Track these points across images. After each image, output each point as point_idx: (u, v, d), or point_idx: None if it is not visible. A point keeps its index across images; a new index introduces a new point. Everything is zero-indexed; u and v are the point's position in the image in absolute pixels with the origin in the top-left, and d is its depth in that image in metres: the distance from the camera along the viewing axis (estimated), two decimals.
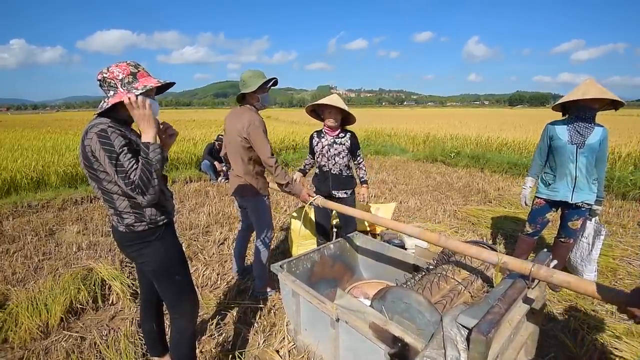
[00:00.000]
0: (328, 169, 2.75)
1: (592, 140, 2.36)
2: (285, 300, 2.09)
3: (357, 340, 1.58)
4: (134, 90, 1.35)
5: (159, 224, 1.50)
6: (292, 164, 8.37)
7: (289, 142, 9.56)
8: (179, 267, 1.60)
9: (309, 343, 1.97)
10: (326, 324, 1.75)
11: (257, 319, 2.39)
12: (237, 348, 2.08)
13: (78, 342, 2.17)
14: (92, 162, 1.33)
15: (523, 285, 1.33)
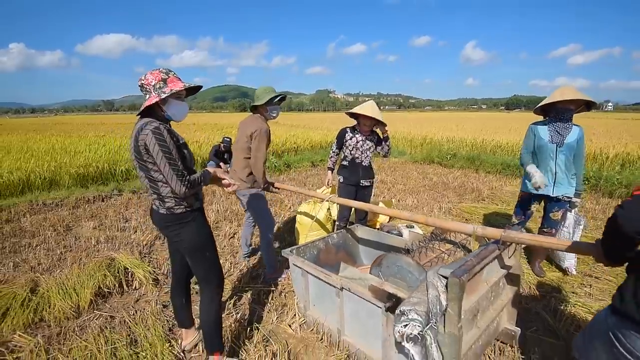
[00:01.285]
0: (360, 161, 3.12)
1: (571, 139, 2.63)
2: (295, 280, 2.35)
3: (359, 303, 1.83)
4: (163, 93, 1.61)
5: (194, 208, 1.76)
6: (294, 165, 8.64)
7: (290, 144, 9.84)
8: (209, 245, 1.84)
9: (317, 317, 2.23)
10: (332, 296, 2.02)
11: (270, 300, 2.64)
12: (253, 324, 2.32)
13: (108, 321, 2.41)
14: (143, 154, 1.59)
15: (494, 247, 1.60)
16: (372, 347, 1.84)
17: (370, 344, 1.86)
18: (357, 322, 1.92)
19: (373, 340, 1.81)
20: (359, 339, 1.94)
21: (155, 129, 1.56)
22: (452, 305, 1.37)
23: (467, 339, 1.59)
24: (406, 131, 13.49)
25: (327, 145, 11.08)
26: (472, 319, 1.70)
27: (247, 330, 2.24)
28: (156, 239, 3.89)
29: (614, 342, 1.02)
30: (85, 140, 9.87)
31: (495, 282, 1.80)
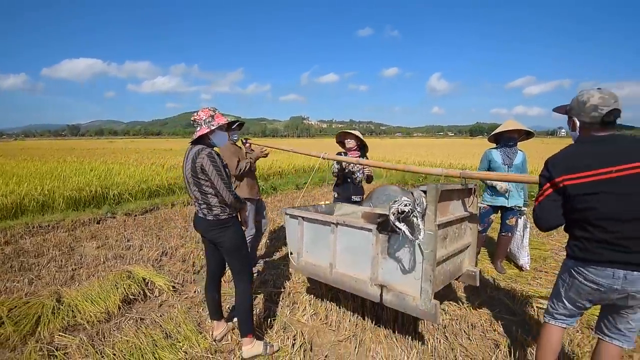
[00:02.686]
0: (351, 180, 3.60)
1: (517, 162, 3.35)
2: (291, 232, 2.79)
3: (352, 233, 2.30)
4: (212, 126, 2.12)
5: (233, 215, 2.24)
6: (280, 188, 9.10)
7: (275, 169, 10.33)
8: (244, 245, 2.31)
9: (310, 261, 2.66)
10: (326, 235, 2.48)
11: (281, 299, 3.05)
12: (270, 318, 2.73)
13: (139, 322, 2.72)
14: (199, 173, 2.07)
15: (458, 185, 2.29)
16: (362, 270, 2.29)
17: (360, 268, 2.30)
18: (348, 253, 2.37)
19: (363, 264, 2.27)
20: (349, 268, 2.38)
21: (209, 154, 2.07)
22: (430, 206, 1.93)
23: (439, 254, 2.11)
24: (381, 156, 14.42)
25: (309, 169, 11.67)
26: (443, 240, 2.26)
27: (267, 322, 2.65)
28: (163, 255, 4.19)
29: (574, 274, 1.59)
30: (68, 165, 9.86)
31: (459, 219, 2.43)
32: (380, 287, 2.20)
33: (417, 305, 2.02)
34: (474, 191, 2.64)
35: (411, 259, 2.04)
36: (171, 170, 9.11)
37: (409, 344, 2.37)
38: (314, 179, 9.09)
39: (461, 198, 2.58)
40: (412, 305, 2.04)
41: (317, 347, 2.41)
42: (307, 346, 2.36)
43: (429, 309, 1.97)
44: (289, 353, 2.28)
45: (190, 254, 4.15)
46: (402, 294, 2.09)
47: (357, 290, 2.34)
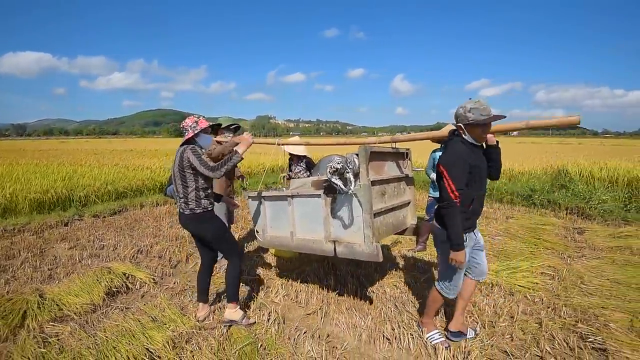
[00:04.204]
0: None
1: None
2: (254, 212, 3.17)
3: (305, 202, 2.72)
4: (195, 130, 2.55)
5: (208, 209, 2.60)
6: (249, 187, 9.35)
7: (245, 169, 10.54)
8: (226, 232, 2.70)
9: (274, 234, 3.05)
10: (285, 208, 2.87)
11: (254, 286, 3.43)
12: (246, 300, 3.10)
13: (124, 311, 2.98)
14: (185, 167, 2.45)
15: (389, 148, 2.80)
16: (317, 232, 2.69)
17: (315, 231, 2.70)
18: (304, 219, 2.76)
19: (317, 226, 2.67)
20: (307, 233, 2.77)
21: (192, 148, 2.51)
22: (362, 164, 2.35)
23: (378, 207, 2.56)
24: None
25: (278, 169, 11.98)
26: (381, 196, 2.70)
27: (245, 303, 3.02)
28: (138, 252, 4.38)
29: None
30: (24, 167, 9.45)
31: (395, 178, 2.91)
32: (333, 243, 2.59)
33: (362, 250, 2.42)
34: (407, 155, 3.09)
35: (354, 212, 2.44)
36: (137, 171, 9.05)
37: (365, 312, 2.86)
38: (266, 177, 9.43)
39: (395, 161, 3.01)
40: (359, 251, 2.44)
41: (289, 320, 2.82)
42: (280, 319, 2.77)
43: (371, 250, 2.38)
44: (265, 326, 2.68)
45: (166, 251, 4.38)
46: (350, 244, 2.50)
47: (315, 250, 2.72)
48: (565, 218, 6.11)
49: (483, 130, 2.06)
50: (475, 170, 2.08)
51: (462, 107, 2.07)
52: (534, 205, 6.97)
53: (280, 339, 2.54)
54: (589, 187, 7.23)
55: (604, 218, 5.91)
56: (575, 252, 4.28)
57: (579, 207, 6.40)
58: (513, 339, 2.48)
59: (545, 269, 3.62)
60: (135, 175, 8.39)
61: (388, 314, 2.83)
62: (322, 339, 2.54)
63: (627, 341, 2.39)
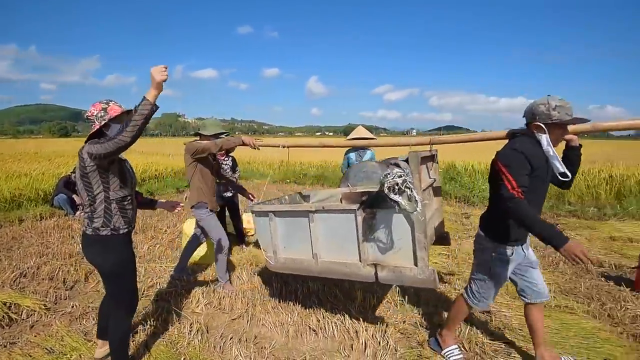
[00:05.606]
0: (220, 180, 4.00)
1: (367, 158, 4.32)
2: (262, 230, 2.59)
3: (333, 218, 2.19)
4: (103, 120, 1.84)
5: (120, 232, 1.91)
6: (158, 192, 8.60)
7: (152, 172, 9.63)
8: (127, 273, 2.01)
9: (289, 257, 2.52)
10: (304, 226, 2.32)
11: (173, 297, 3.20)
12: (163, 314, 2.89)
13: (9, 347, 2.47)
14: (88, 170, 1.78)
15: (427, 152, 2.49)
16: (350, 254, 2.22)
17: (347, 252, 2.23)
18: (332, 239, 2.26)
19: (350, 247, 2.20)
20: (336, 255, 2.28)
21: (92, 141, 1.80)
22: (415, 174, 2.01)
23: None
24: (266, 156, 14.90)
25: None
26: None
27: (161, 318, 2.80)
28: (21, 276, 3.67)
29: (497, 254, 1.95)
30: None
31: (428, 185, 2.58)
32: (373, 266, 2.17)
33: (414, 275, 2.06)
34: (435, 157, 2.79)
35: (400, 231, 2.04)
36: (12, 179, 7.49)
37: (291, 309, 2.93)
38: None
39: (426, 164, 2.67)
40: (409, 276, 2.08)
41: (213, 329, 2.72)
42: (204, 329, 2.66)
43: (427, 276, 2.02)
44: (187, 338, 2.54)
45: (58, 271, 3.77)
46: (397, 268, 2.10)
47: (349, 275, 2.28)
48: (455, 205, 7.19)
49: (564, 131, 1.85)
50: (537, 173, 1.82)
51: (544, 104, 1.80)
52: None
53: (205, 349, 2.45)
54: (472, 179, 8.60)
55: (484, 204, 7.11)
56: (464, 233, 5.08)
57: (465, 195, 7.60)
58: (420, 313, 2.85)
59: (441, 250, 4.22)
60: (10, 184, 6.94)
61: (313, 307, 2.96)
62: (249, 341, 2.53)
63: (504, 302, 2.96)
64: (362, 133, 4.15)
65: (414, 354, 2.36)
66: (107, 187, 1.88)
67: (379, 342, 2.44)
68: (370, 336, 2.50)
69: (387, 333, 2.52)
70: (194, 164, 3.13)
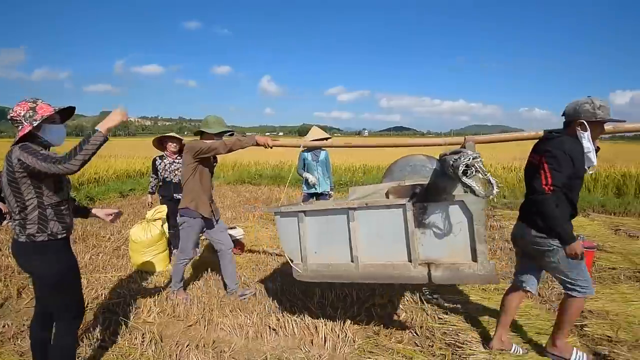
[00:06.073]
0: (170, 180, 3.96)
1: (322, 157, 4.41)
2: (288, 235, 2.31)
3: (378, 215, 2.02)
4: (34, 121, 1.68)
5: (58, 237, 1.78)
6: (98, 197, 7.95)
7: (90, 175, 8.86)
8: (69, 279, 1.86)
9: (322, 262, 2.24)
10: (341, 226, 2.12)
11: (121, 308, 3.00)
12: (111, 326, 2.70)
13: None
14: (17, 176, 1.65)
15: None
16: (397, 254, 2.05)
17: (394, 252, 2.05)
18: (375, 238, 2.08)
19: (396, 246, 2.03)
20: (380, 256, 2.09)
21: (23, 146, 1.65)
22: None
23: None
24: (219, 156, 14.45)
25: (135, 173, 10.55)
26: None
27: (110, 331, 2.62)
28: None
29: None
30: None
31: None
32: (426, 266, 2.00)
33: (474, 271, 1.91)
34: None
35: (458, 224, 1.91)
36: None
37: (250, 310, 2.91)
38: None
39: None
40: (468, 273, 1.93)
41: (167, 337, 2.60)
42: (157, 339, 2.53)
43: (488, 271, 1.89)
44: (139, 349, 2.41)
45: None
46: (454, 265, 1.95)
47: (397, 278, 2.11)
48: None
49: (602, 130, 1.99)
50: (579, 173, 1.94)
51: (589, 103, 1.91)
52: None
53: (160, 358, 2.34)
54: None
55: None
56: None
57: None
58: (375, 304, 2.99)
59: None
60: None
61: (272, 307, 2.96)
62: (207, 346, 2.46)
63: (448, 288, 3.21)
64: (317, 133, 4.22)
65: (371, 342, 2.47)
66: (40, 192, 1.73)
67: (338, 334, 2.52)
68: (330, 330, 2.57)
69: (345, 325, 2.62)
70: (193, 165, 2.86)
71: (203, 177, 2.94)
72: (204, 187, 2.94)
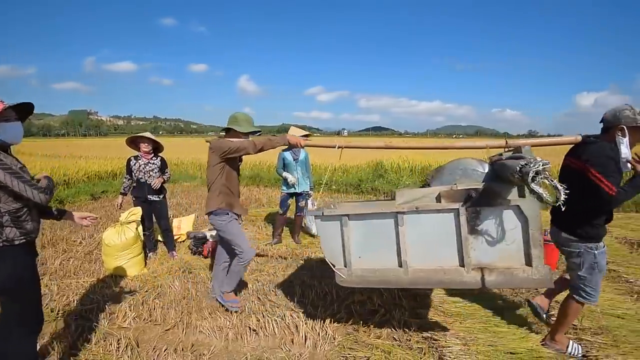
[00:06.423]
0: (144, 181, 3.88)
1: (301, 157, 4.42)
2: (330, 239, 2.25)
3: (429, 219, 2.02)
4: None
5: (15, 242, 1.71)
6: (68, 200, 7.61)
7: (60, 176, 8.46)
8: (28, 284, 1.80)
9: (367, 267, 2.20)
10: (388, 230, 2.10)
11: (94, 314, 2.91)
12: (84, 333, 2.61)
13: None
14: None
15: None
16: (448, 258, 2.05)
17: (445, 257, 2.06)
18: (426, 243, 2.07)
19: (447, 251, 2.04)
20: (430, 261, 2.08)
21: None
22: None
23: None
24: (194, 157, 14.14)
25: (107, 175, 10.17)
26: None
27: (83, 338, 2.53)
28: None
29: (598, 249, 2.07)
30: None
31: None
32: (479, 271, 2.00)
33: (528, 275, 1.94)
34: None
35: (513, 229, 1.93)
36: None
37: (230, 313, 2.88)
38: None
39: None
40: (522, 277, 1.95)
41: (144, 342, 2.54)
42: (134, 344, 2.47)
43: (543, 275, 1.93)
44: (115, 355, 2.34)
45: None
46: (508, 270, 1.96)
47: (449, 283, 2.09)
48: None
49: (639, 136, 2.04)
50: (620, 175, 1.99)
51: (629, 110, 2.00)
52: (362, 192, 8.49)
53: None
54: (398, 175, 9.33)
55: None
56: None
57: (392, 190, 8.18)
58: (354, 301, 3.04)
59: None
60: None
61: (252, 308, 2.95)
62: (186, 350, 2.43)
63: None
64: (297, 133, 4.24)
65: (351, 339, 2.51)
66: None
67: (318, 333, 2.55)
68: (310, 329, 2.59)
69: (325, 323, 2.65)
70: (220, 165, 2.71)
71: (231, 176, 2.80)
72: (233, 187, 2.82)
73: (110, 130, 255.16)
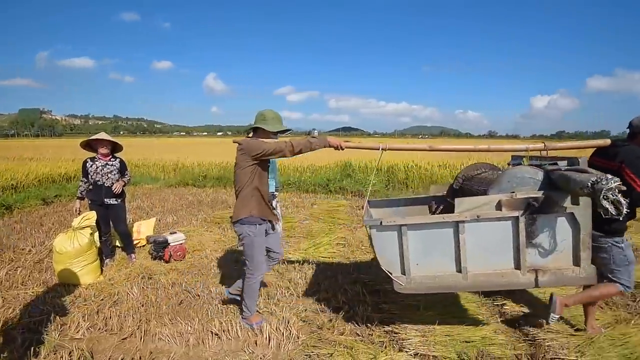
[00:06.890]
0: (102, 183, 3.74)
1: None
2: (386, 248, 2.27)
3: (489, 227, 2.15)
4: None
5: None
6: (17, 205, 7.04)
7: (5, 181, 7.81)
8: None
9: (426, 274, 2.26)
10: (447, 238, 2.20)
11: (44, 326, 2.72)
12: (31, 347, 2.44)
13: None
14: None
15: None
16: (504, 263, 2.19)
17: (502, 261, 2.19)
18: (484, 248, 2.19)
19: (504, 256, 2.18)
20: (488, 266, 2.21)
21: None
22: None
23: None
24: (157, 157, 13.61)
25: (60, 178, 9.52)
26: None
27: (30, 352, 2.35)
28: None
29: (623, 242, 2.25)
30: None
31: None
32: (534, 272, 2.18)
33: (576, 275, 2.14)
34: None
35: (565, 234, 2.10)
36: None
37: (191, 317, 2.82)
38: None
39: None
40: (571, 276, 2.16)
41: (98, 353, 2.43)
42: (87, 355, 2.35)
43: (589, 274, 2.14)
44: None
45: None
46: (559, 271, 2.16)
47: (506, 285, 2.24)
48: (351, 199, 7.85)
49: None
50: None
51: None
52: (330, 192, 8.59)
53: None
54: (365, 175, 9.49)
55: (374, 196, 7.94)
56: (357, 224, 5.61)
57: (359, 190, 8.36)
58: (319, 299, 3.07)
59: (339, 240, 4.60)
60: None
61: (215, 312, 2.90)
62: (144, 359, 2.35)
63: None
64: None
65: (315, 337, 2.54)
66: None
67: (282, 333, 2.56)
68: (274, 329, 2.59)
69: (290, 323, 2.66)
70: (252, 167, 2.47)
71: (263, 180, 2.58)
72: (265, 192, 2.60)
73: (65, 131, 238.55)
